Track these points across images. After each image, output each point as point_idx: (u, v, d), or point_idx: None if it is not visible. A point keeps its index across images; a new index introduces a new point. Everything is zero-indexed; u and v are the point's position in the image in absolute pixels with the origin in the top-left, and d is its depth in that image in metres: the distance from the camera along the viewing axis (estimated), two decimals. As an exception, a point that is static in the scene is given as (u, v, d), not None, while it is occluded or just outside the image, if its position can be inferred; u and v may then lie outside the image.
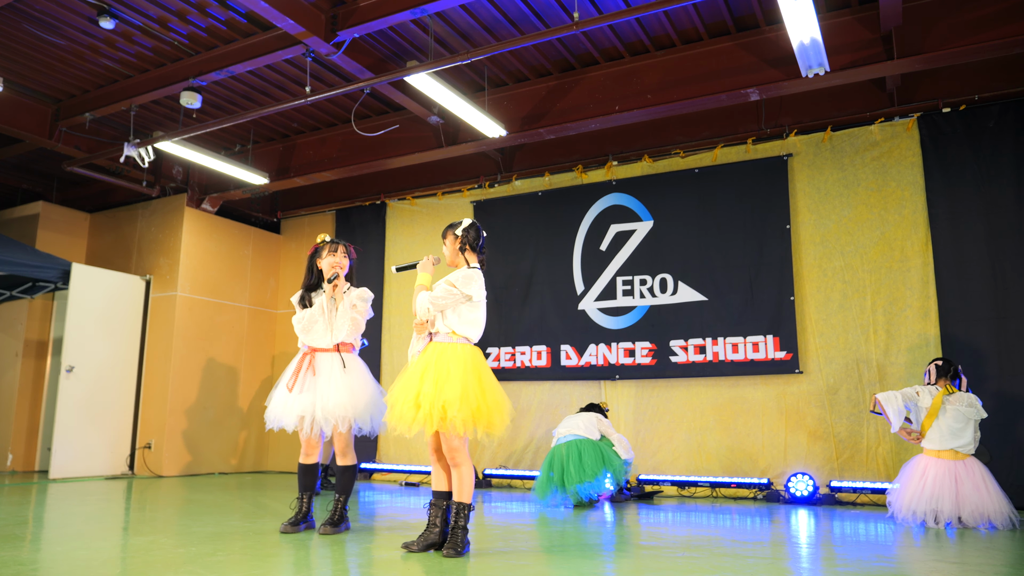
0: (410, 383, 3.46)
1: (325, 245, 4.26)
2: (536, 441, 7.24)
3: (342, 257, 4.19)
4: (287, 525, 4.06)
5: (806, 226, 6.47)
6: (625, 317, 7.02)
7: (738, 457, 6.41)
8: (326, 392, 3.97)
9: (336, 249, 4.21)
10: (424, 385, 3.40)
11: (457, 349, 3.51)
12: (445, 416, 3.35)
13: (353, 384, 4.02)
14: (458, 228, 3.72)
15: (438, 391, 3.37)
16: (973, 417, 4.72)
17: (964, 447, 4.68)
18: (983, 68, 5.89)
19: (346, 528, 4.11)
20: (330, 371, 4.03)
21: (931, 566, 3.35)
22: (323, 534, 3.97)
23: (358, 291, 4.20)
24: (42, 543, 3.67)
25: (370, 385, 4.11)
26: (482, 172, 8.00)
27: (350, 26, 5.37)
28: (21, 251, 7.35)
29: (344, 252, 4.22)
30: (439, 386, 3.38)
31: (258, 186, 8.14)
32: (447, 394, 3.36)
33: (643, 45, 6.13)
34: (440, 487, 3.58)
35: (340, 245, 4.23)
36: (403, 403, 3.42)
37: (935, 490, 4.57)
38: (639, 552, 3.64)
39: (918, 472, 4.72)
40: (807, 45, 4.91)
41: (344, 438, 4.07)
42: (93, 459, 7.61)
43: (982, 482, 4.57)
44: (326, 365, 4.06)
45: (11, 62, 6.33)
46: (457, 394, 3.37)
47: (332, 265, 4.17)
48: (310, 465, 4.15)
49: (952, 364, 4.96)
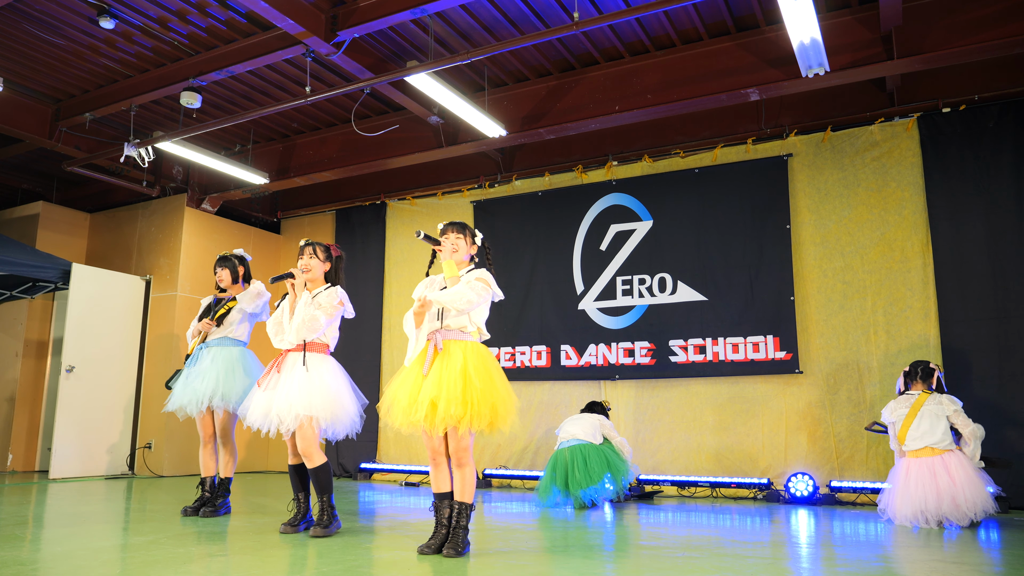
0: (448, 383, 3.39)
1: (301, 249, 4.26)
2: (536, 441, 7.24)
3: (308, 259, 4.13)
4: (287, 526, 4.04)
5: (806, 226, 6.47)
6: (625, 317, 7.02)
7: (738, 457, 6.41)
8: (282, 391, 3.91)
9: (303, 252, 4.17)
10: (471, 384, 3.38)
11: (481, 348, 3.56)
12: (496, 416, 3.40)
13: (312, 384, 3.91)
14: (478, 237, 3.75)
15: (485, 392, 3.39)
16: (942, 413, 4.72)
17: (939, 443, 4.66)
18: (983, 68, 5.89)
19: (337, 528, 4.02)
20: (292, 370, 3.97)
21: (930, 566, 3.35)
22: (314, 536, 3.88)
23: (327, 291, 4.13)
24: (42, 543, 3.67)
25: (333, 387, 3.98)
26: (482, 172, 8.00)
27: (350, 26, 5.37)
28: (21, 251, 7.35)
29: (311, 253, 4.13)
30: (486, 386, 3.40)
31: (258, 186, 8.14)
32: (491, 395, 3.40)
33: (643, 45, 6.13)
34: (442, 488, 3.56)
35: (307, 247, 4.16)
36: (449, 401, 3.35)
37: (918, 489, 4.59)
38: (639, 552, 3.64)
39: (902, 475, 4.75)
40: (807, 45, 4.91)
41: (304, 438, 3.91)
42: (93, 459, 7.61)
43: (957, 473, 4.54)
44: (290, 363, 4.01)
45: (11, 62, 6.34)
46: (503, 395, 3.44)
47: (300, 266, 4.13)
48: (297, 466, 4.12)
49: (919, 366, 4.97)
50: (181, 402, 4.74)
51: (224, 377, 4.72)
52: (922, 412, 4.76)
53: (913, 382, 4.96)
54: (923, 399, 4.81)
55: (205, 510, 4.69)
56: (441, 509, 3.52)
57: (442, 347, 3.50)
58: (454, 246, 3.67)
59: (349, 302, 4.21)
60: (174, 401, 4.80)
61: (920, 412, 4.77)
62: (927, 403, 4.78)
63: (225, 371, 4.74)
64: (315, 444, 3.95)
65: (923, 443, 4.70)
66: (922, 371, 4.95)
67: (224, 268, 5.04)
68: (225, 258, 5.08)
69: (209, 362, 4.79)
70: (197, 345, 4.95)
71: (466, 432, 3.41)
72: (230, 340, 4.90)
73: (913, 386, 4.95)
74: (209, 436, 4.88)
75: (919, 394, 4.86)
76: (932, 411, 4.74)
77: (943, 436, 4.68)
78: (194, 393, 4.70)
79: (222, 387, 4.69)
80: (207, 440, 4.88)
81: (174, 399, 4.81)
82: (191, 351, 4.97)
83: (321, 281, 4.19)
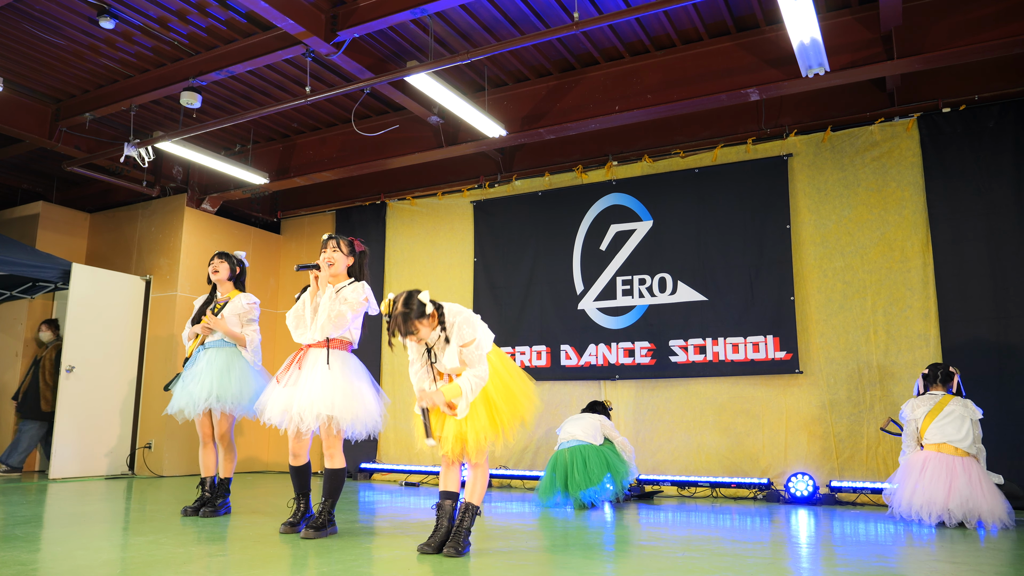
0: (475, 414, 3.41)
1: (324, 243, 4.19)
2: (536, 441, 7.24)
3: (331, 252, 4.03)
4: (286, 526, 4.01)
5: (806, 226, 6.47)
6: (625, 317, 7.02)
7: (738, 457, 6.41)
8: (304, 389, 3.81)
9: (326, 245, 4.07)
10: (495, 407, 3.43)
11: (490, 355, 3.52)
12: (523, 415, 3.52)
13: (336, 381, 3.82)
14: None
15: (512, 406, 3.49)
16: (968, 416, 4.74)
17: (961, 443, 4.68)
18: (983, 68, 5.89)
19: (331, 532, 3.95)
20: (313, 366, 3.88)
21: (931, 566, 3.35)
22: (304, 538, 3.82)
23: (352, 286, 4.02)
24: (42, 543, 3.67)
25: (355, 385, 3.90)
26: (482, 172, 8.00)
27: (350, 26, 5.37)
28: (21, 251, 7.35)
29: (335, 246, 4.06)
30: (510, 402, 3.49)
31: (258, 186, 8.14)
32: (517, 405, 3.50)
33: (643, 45, 6.13)
34: (450, 487, 3.54)
35: (331, 240, 4.09)
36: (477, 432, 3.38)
37: (933, 482, 4.59)
38: (639, 552, 3.64)
39: (917, 466, 4.74)
40: (807, 45, 4.91)
41: (329, 438, 3.89)
42: (93, 459, 7.60)
43: (978, 480, 4.57)
44: (311, 360, 3.92)
45: (11, 62, 6.34)
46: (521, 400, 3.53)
47: (323, 260, 4.03)
48: (299, 467, 4.06)
49: (939, 369, 4.98)
50: (179, 405, 4.73)
51: (220, 379, 4.69)
52: (946, 411, 4.77)
53: (933, 385, 4.96)
54: (948, 400, 4.82)
55: (205, 510, 4.68)
56: (444, 507, 3.52)
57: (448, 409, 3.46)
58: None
59: (374, 298, 4.07)
60: (173, 404, 4.79)
61: (944, 411, 4.77)
62: (952, 403, 4.79)
63: (221, 373, 4.72)
64: (339, 445, 3.93)
65: (945, 439, 4.70)
66: (942, 374, 4.96)
67: (224, 261, 4.98)
68: (227, 254, 5.05)
69: (205, 364, 4.77)
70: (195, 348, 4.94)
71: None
72: (226, 341, 4.89)
73: (933, 388, 4.96)
74: (208, 437, 4.87)
75: (943, 395, 4.87)
76: (958, 412, 4.75)
77: (966, 437, 4.69)
78: (191, 396, 4.68)
79: (218, 389, 4.66)
80: (206, 441, 4.87)
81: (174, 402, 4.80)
82: (189, 354, 4.97)
83: (344, 276, 4.09)
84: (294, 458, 4.05)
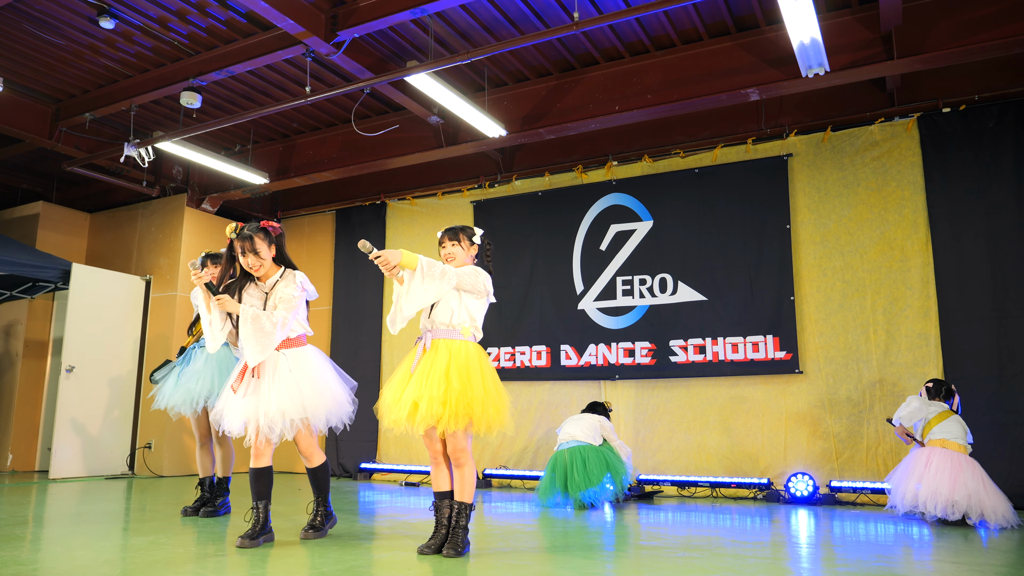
0: (430, 382, 3.35)
1: (235, 242, 3.73)
2: (536, 441, 7.24)
3: (251, 257, 3.68)
4: (244, 539, 3.57)
5: (806, 226, 6.47)
6: (625, 317, 7.02)
7: (738, 457, 6.41)
8: (268, 397, 3.57)
9: (242, 249, 3.70)
10: (451, 385, 3.33)
11: (471, 347, 3.50)
12: (472, 417, 3.34)
13: (300, 383, 3.63)
14: (475, 236, 3.64)
15: (464, 392, 3.33)
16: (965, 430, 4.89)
17: (965, 444, 4.80)
18: (983, 68, 5.89)
19: (331, 526, 3.96)
20: (273, 373, 3.63)
21: (931, 566, 3.35)
22: (305, 539, 3.79)
23: (284, 280, 3.73)
24: (42, 543, 3.67)
25: (322, 380, 3.72)
26: (482, 172, 8.00)
27: (350, 26, 5.37)
28: (21, 251, 7.35)
29: (252, 247, 3.68)
30: (465, 386, 3.34)
31: (258, 186, 8.14)
32: (469, 395, 3.33)
33: (643, 45, 6.13)
34: (442, 487, 3.56)
35: (244, 241, 3.69)
36: (430, 401, 3.31)
37: (937, 475, 4.63)
38: (639, 552, 3.65)
39: (922, 460, 4.78)
40: (807, 45, 4.91)
41: (304, 441, 3.77)
42: (93, 459, 7.61)
43: (981, 476, 4.63)
44: (270, 367, 3.64)
45: (11, 62, 6.33)
46: (481, 396, 3.37)
47: (250, 267, 3.71)
48: (262, 468, 3.69)
49: (943, 385, 5.09)
50: (174, 402, 4.70)
51: (218, 378, 4.67)
52: (948, 420, 4.88)
53: (936, 398, 5.07)
54: (949, 414, 4.91)
55: (205, 510, 4.68)
56: (441, 509, 3.52)
57: (431, 346, 3.48)
58: (450, 255, 3.60)
59: (309, 283, 3.80)
60: (167, 400, 4.75)
61: (947, 420, 4.88)
62: (953, 418, 4.89)
63: (219, 372, 4.70)
64: (316, 444, 3.86)
65: (951, 437, 4.79)
66: (946, 390, 5.08)
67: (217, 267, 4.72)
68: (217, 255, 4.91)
69: (203, 362, 4.74)
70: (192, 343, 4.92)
71: (458, 433, 3.40)
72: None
73: (935, 401, 5.06)
74: (205, 436, 4.86)
75: (945, 408, 4.96)
76: (959, 423, 4.87)
77: (967, 441, 4.82)
78: (188, 393, 4.66)
79: (216, 388, 4.63)
80: (203, 440, 4.86)
81: (167, 398, 4.75)
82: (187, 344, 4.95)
83: (272, 266, 3.79)
84: (256, 458, 3.69)
